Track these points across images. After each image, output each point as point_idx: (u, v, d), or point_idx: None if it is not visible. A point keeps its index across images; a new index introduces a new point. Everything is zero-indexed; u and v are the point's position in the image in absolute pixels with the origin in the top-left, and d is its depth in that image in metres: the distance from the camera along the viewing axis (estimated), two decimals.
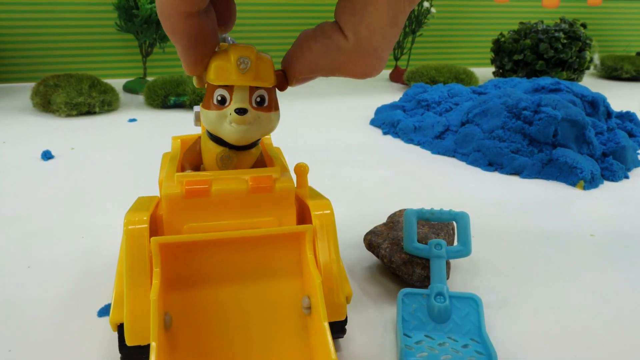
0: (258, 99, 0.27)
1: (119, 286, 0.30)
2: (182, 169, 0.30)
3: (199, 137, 0.30)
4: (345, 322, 0.31)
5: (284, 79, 0.27)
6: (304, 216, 0.31)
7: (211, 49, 0.26)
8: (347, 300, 0.31)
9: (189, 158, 0.30)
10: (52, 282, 0.40)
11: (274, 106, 0.28)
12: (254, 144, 0.29)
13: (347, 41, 0.23)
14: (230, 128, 0.26)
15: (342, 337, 0.32)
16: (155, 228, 0.29)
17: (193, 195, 0.27)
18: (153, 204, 0.30)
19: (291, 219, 0.29)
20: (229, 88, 0.26)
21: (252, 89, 0.27)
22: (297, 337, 0.28)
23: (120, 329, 0.28)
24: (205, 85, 0.27)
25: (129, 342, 0.26)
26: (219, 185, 0.28)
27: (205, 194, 0.28)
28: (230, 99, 0.26)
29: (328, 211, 0.30)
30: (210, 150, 0.29)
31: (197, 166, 0.30)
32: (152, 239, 0.26)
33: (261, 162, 0.31)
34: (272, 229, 0.28)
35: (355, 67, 0.24)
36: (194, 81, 0.28)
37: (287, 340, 0.28)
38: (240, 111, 0.26)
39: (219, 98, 0.26)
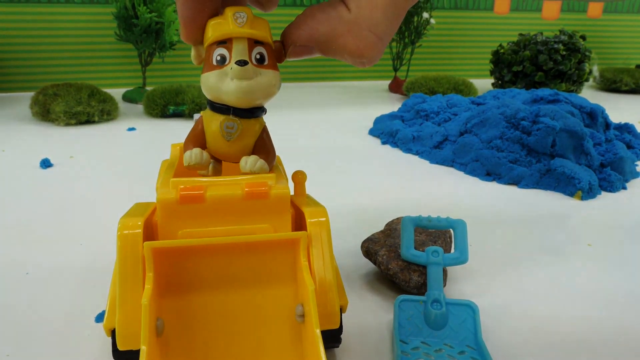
0: (258, 56, 0.27)
1: (113, 291, 0.30)
2: (186, 149, 0.30)
3: (201, 117, 0.30)
4: (340, 331, 0.30)
5: (282, 49, 0.28)
6: (300, 224, 0.31)
7: (210, 9, 0.27)
8: (343, 309, 0.31)
9: (192, 138, 0.29)
10: (50, 289, 0.40)
11: (274, 66, 0.28)
12: (257, 112, 0.29)
13: (350, 12, 0.26)
14: (232, 85, 0.27)
15: (337, 346, 0.32)
16: (151, 234, 0.29)
17: (188, 201, 0.27)
18: (149, 209, 0.30)
19: (287, 226, 0.29)
20: (228, 46, 0.27)
21: (251, 46, 0.27)
22: (291, 345, 0.28)
23: (114, 333, 0.28)
24: (204, 56, 0.28)
25: (121, 347, 0.26)
26: (214, 191, 0.28)
27: (200, 200, 0.27)
28: (230, 57, 0.27)
29: (323, 218, 0.29)
30: (214, 122, 0.28)
31: (201, 145, 0.29)
32: (145, 243, 0.26)
33: (263, 142, 0.30)
34: (266, 235, 0.28)
35: (353, 39, 0.26)
36: (192, 56, 0.28)
37: (280, 348, 0.28)
38: (241, 62, 0.26)
39: (219, 58, 0.27)
